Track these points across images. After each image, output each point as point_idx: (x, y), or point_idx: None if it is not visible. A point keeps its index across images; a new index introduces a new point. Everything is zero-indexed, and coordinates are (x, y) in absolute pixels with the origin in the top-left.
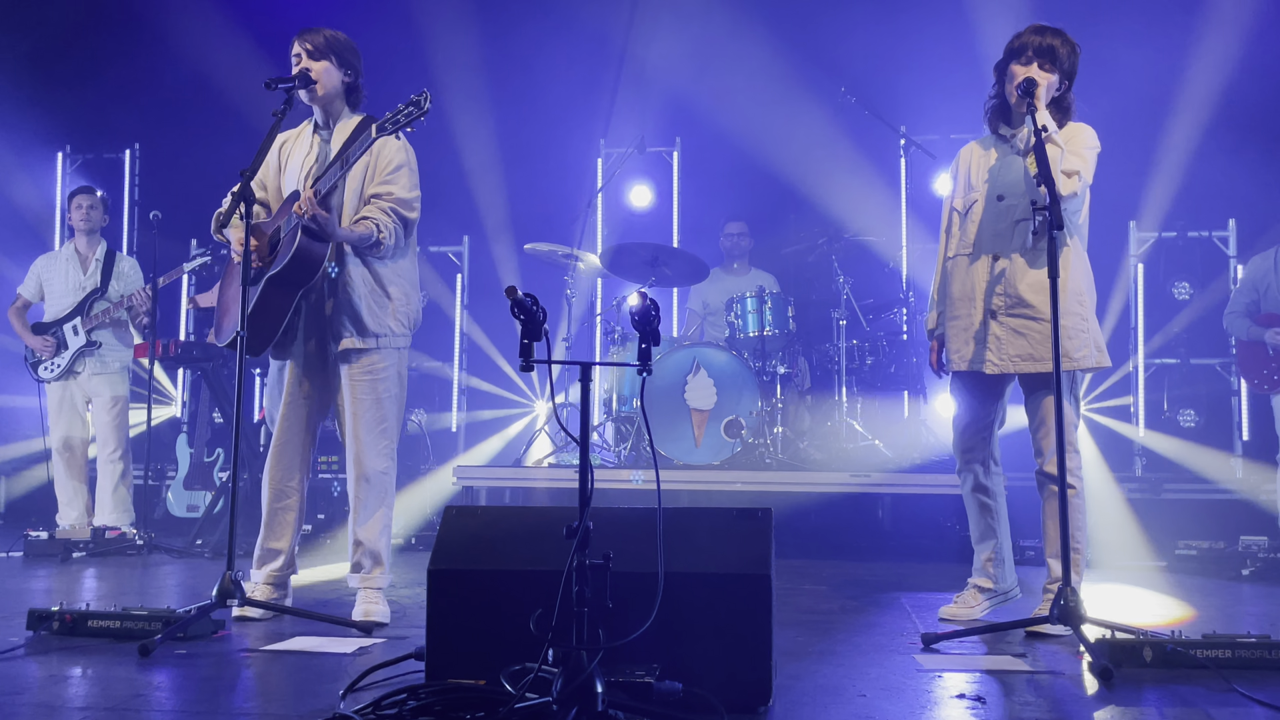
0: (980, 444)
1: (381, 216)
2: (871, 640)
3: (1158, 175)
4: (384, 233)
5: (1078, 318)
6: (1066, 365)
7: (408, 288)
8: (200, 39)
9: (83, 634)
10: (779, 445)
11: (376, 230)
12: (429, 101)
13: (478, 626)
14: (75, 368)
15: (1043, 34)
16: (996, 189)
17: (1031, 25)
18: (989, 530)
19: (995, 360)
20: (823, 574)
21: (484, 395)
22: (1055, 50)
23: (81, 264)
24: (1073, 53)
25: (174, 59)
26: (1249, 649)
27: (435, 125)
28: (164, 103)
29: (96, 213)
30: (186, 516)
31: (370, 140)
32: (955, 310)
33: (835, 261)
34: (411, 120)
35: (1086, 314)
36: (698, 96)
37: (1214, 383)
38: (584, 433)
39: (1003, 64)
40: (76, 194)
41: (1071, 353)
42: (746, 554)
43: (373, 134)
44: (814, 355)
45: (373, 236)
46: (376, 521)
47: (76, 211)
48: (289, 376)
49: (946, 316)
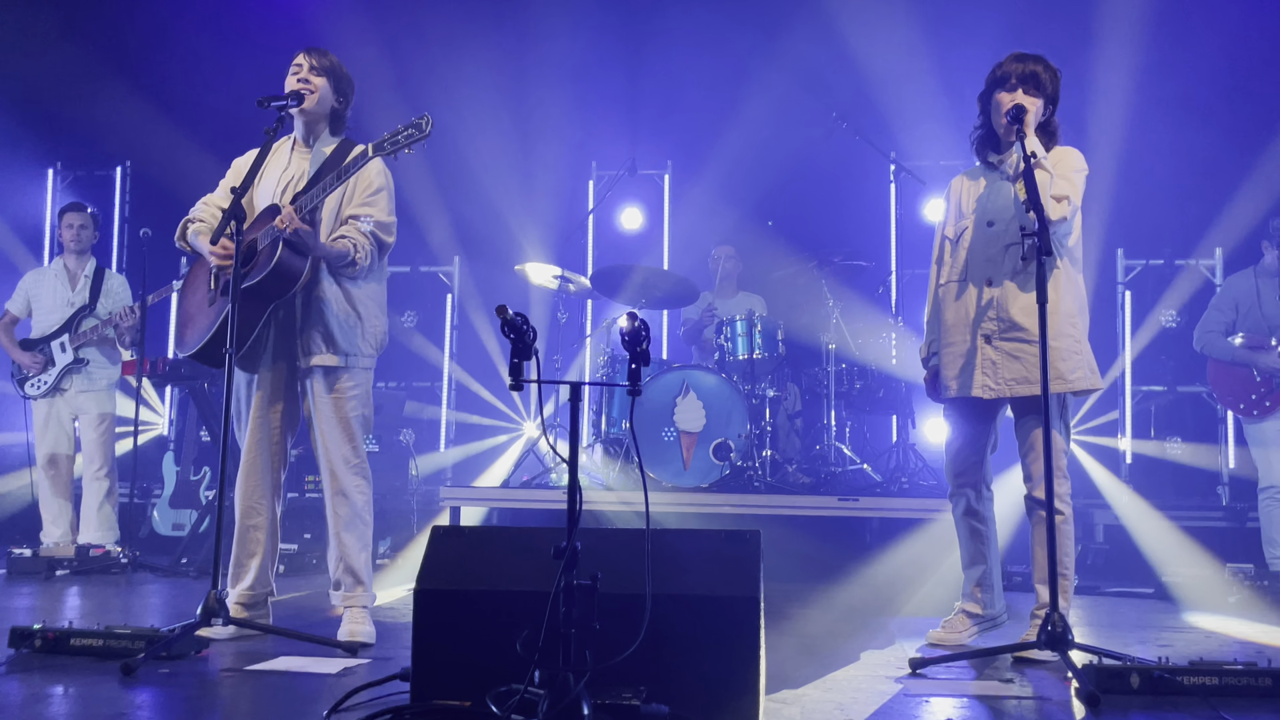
0: (972, 469)
1: (359, 238)
2: (859, 664)
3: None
4: (360, 253)
5: (1070, 339)
6: (1061, 387)
7: (376, 310)
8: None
9: (65, 652)
10: (767, 468)
11: (353, 250)
12: (430, 125)
13: (464, 647)
14: (62, 384)
15: (1024, 61)
16: (986, 215)
17: (1012, 54)
18: (979, 555)
19: (991, 385)
20: (810, 598)
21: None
22: (1039, 76)
23: (70, 281)
24: (1054, 78)
25: (165, 76)
26: (1236, 676)
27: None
28: (155, 120)
29: (87, 231)
30: (172, 535)
31: (365, 159)
32: (949, 337)
33: (825, 285)
34: (412, 142)
35: (1079, 336)
36: (689, 120)
37: (1201, 410)
38: (573, 453)
39: (987, 93)
40: (67, 212)
41: (1066, 374)
42: (735, 576)
43: (369, 153)
44: (803, 379)
45: (349, 255)
46: (355, 538)
47: (67, 230)
48: (257, 393)
49: (940, 343)
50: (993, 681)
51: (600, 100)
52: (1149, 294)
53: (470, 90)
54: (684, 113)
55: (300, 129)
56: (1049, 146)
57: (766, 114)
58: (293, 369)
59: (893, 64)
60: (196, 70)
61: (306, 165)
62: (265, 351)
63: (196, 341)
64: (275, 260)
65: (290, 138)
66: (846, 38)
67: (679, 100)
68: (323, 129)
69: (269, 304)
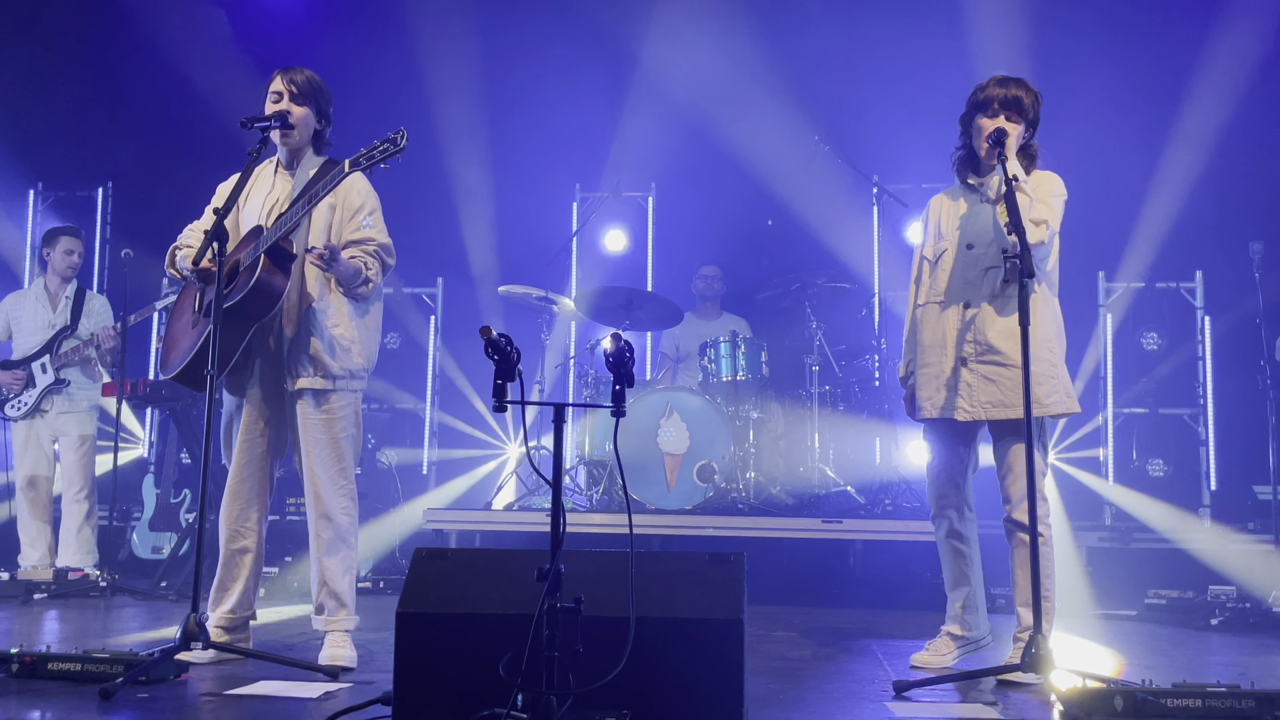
0: (954, 490)
1: (370, 259)
2: (843, 687)
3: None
4: (371, 270)
5: (1047, 364)
6: (1037, 411)
7: (373, 332)
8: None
9: (43, 676)
10: (751, 490)
11: (365, 269)
12: (405, 139)
13: (447, 671)
14: (43, 405)
15: (1006, 85)
16: (966, 237)
17: (994, 78)
18: (963, 577)
19: (966, 407)
20: (794, 620)
21: (456, 435)
22: (1021, 100)
23: (51, 302)
24: (1035, 101)
25: (146, 97)
26: (1219, 699)
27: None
28: (136, 141)
29: (80, 259)
30: (151, 558)
31: (342, 175)
32: (926, 358)
33: (808, 307)
34: (387, 157)
35: (1056, 360)
36: (673, 143)
37: (1182, 433)
38: (556, 475)
39: (968, 115)
40: (65, 236)
41: (1042, 398)
42: (719, 599)
43: (345, 169)
44: (787, 400)
45: (362, 274)
46: (339, 561)
47: (65, 256)
48: (244, 414)
49: (917, 364)
50: (976, 704)
51: (584, 122)
52: (1130, 317)
53: (452, 112)
54: (668, 136)
55: (283, 154)
56: (1028, 170)
57: (749, 136)
58: (280, 392)
59: (875, 87)
60: (178, 91)
61: (290, 187)
62: (253, 374)
63: (178, 364)
64: (254, 279)
65: (273, 160)
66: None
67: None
68: (306, 152)
69: (251, 324)
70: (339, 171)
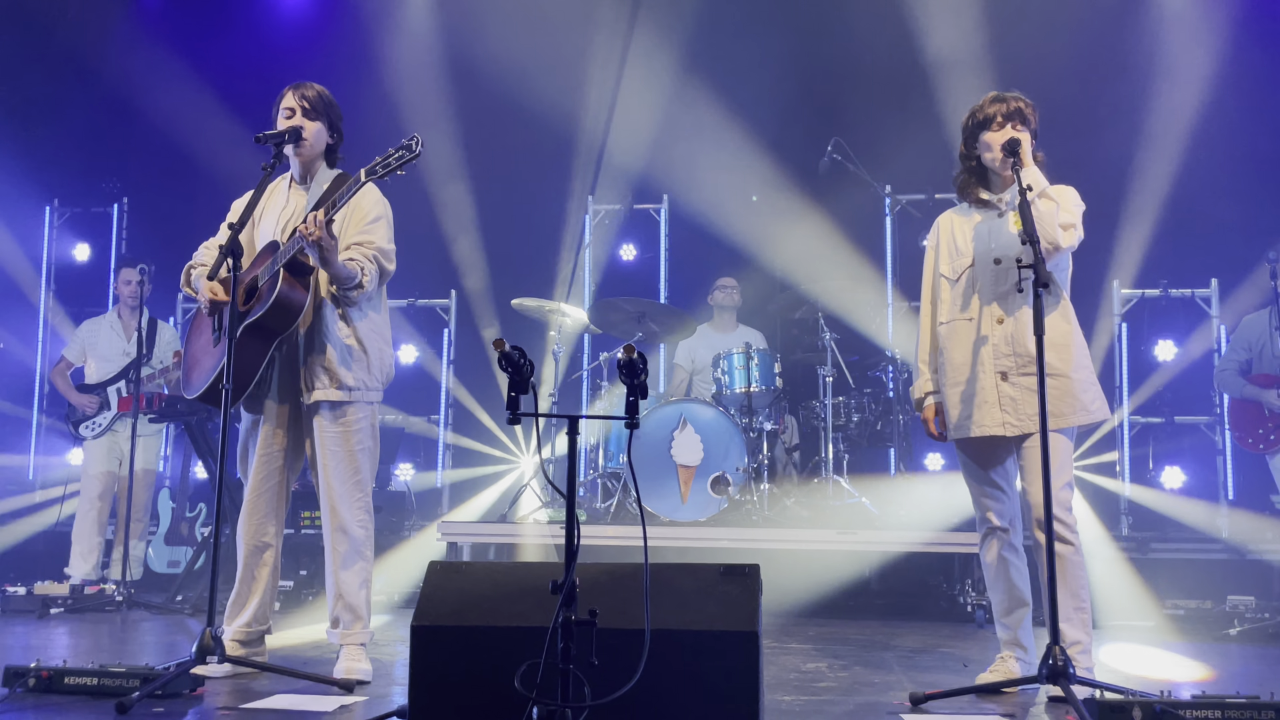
0: (1006, 508)
1: (365, 261)
2: (859, 699)
3: (1140, 234)
4: (366, 275)
5: (1087, 370)
6: (1084, 418)
7: (381, 342)
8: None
9: (59, 691)
10: (765, 502)
11: (360, 272)
12: (420, 145)
13: (462, 684)
14: (115, 427)
15: (1004, 100)
16: (993, 252)
17: (988, 96)
18: (1019, 598)
19: (1014, 421)
20: (809, 632)
21: (470, 450)
22: (1022, 111)
23: (125, 331)
24: (1034, 111)
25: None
26: (1238, 710)
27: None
28: (152, 157)
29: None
30: (167, 572)
31: (359, 184)
32: (957, 376)
33: (821, 319)
34: (403, 164)
35: (1090, 366)
36: (685, 154)
37: (1199, 441)
38: (570, 487)
39: (970, 138)
40: (124, 267)
41: (1087, 405)
42: (734, 611)
43: (361, 178)
44: (800, 412)
45: (356, 277)
46: (355, 574)
47: (125, 286)
48: (262, 429)
49: (946, 382)
50: (994, 716)
51: (595, 135)
52: (1145, 325)
53: (465, 126)
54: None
55: (297, 169)
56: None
57: (762, 147)
58: (297, 405)
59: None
60: (193, 107)
61: (304, 201)
62: (270, 390)
63: (202, 383)
64: (275, 294)
65: (287, 176)
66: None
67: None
68: (319, 166)
69: (273, 340)
70: (356, 180)
